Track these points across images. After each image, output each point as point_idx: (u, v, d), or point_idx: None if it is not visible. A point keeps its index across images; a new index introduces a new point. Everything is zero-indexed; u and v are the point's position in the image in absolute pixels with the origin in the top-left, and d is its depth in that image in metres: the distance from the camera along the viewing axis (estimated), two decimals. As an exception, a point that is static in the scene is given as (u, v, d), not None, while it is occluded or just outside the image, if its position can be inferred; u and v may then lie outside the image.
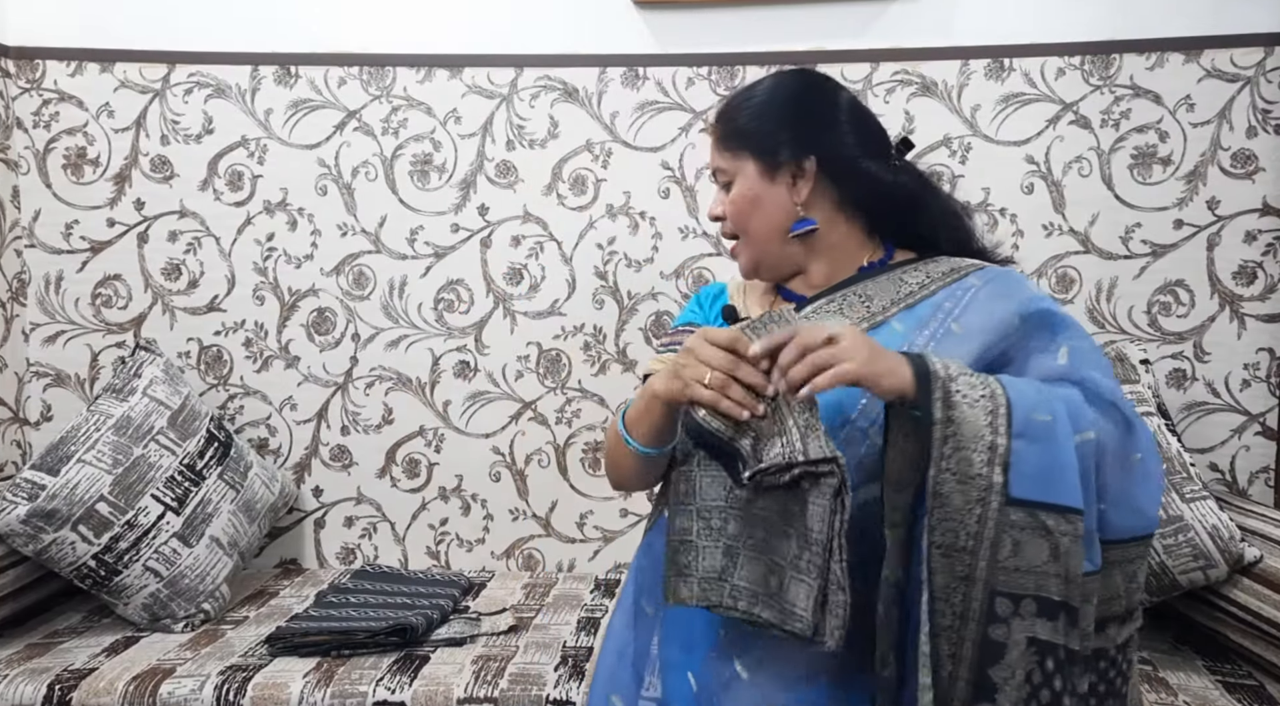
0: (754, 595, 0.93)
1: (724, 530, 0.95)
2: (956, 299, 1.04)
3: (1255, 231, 1.87)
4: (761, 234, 1.12)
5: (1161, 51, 1.86)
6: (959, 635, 0.87)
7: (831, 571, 0.87)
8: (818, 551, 0.88)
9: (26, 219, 1.99)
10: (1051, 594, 0.88)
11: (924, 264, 1.09)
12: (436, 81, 1.96)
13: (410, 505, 2.03)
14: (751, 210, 1.11)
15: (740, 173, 1.11)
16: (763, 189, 1.10)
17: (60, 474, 1.63)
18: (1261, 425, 1.89)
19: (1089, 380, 0.97)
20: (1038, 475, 0.89)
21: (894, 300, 1.05)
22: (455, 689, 1.43)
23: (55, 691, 1.43)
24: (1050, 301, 1.05)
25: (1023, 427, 0.89)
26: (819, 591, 0.87)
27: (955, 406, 0.88)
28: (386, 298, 2.00)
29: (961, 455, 0.88)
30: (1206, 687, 1.46)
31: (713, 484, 0.96)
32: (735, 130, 1.13)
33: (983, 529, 0.87)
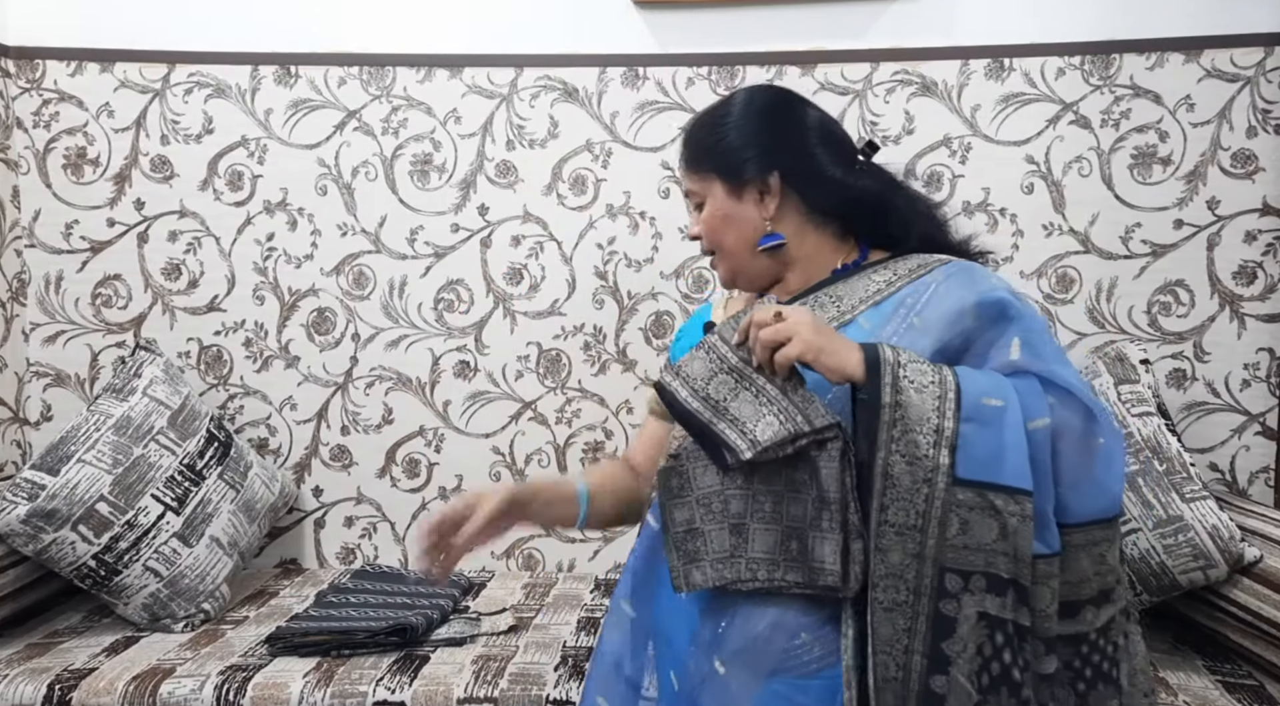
0: (773, 562, 0.98)
1: (726, 511, 0.99)
2: (919, 294, 1.07)
3: (1255, 231, 1.87)
4: (735, 250, 1.16)
5: (1161, 51, 1.86)
6: (913, 610, 0.93)
7: (850, 523, 0.94)
8: (836, 509, 0.94)
9: (26, 219, 1.99)
10: (1000, 571, 0.93)
11: (893, 262, 1.13)
12: (436, 81, 1.96)
13: (410, 505, 2.03)
14: (723, 228, 1.16)
15: (709, 193, 1.16)
16: (731, 207, 1.15)
17: (60, 474, 1.63)
18: (1261, 425, 1.89)
19: (1045, 372, 1.00)
20: (986, 457, 0.93)
21: (862, 298, 1.09)
22: (455, 689, 1.43)
23: (55, 691, 1.43)
24: (1006, 293, 1.06)
25: (972, 412, 0.94)
26: (842, 543, 0.94)
27: (903, 391, 0.94)
28: (386, 297, 2.00)
29: (909, 437, 0.93)
30: (1206, 687, 1.46)
31: (705, 471, 1.00)
32: (700, 152, 1.17)
33: (930, 508, 0.93)
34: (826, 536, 0.95)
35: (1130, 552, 1.56)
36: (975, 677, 0.91)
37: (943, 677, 0.92)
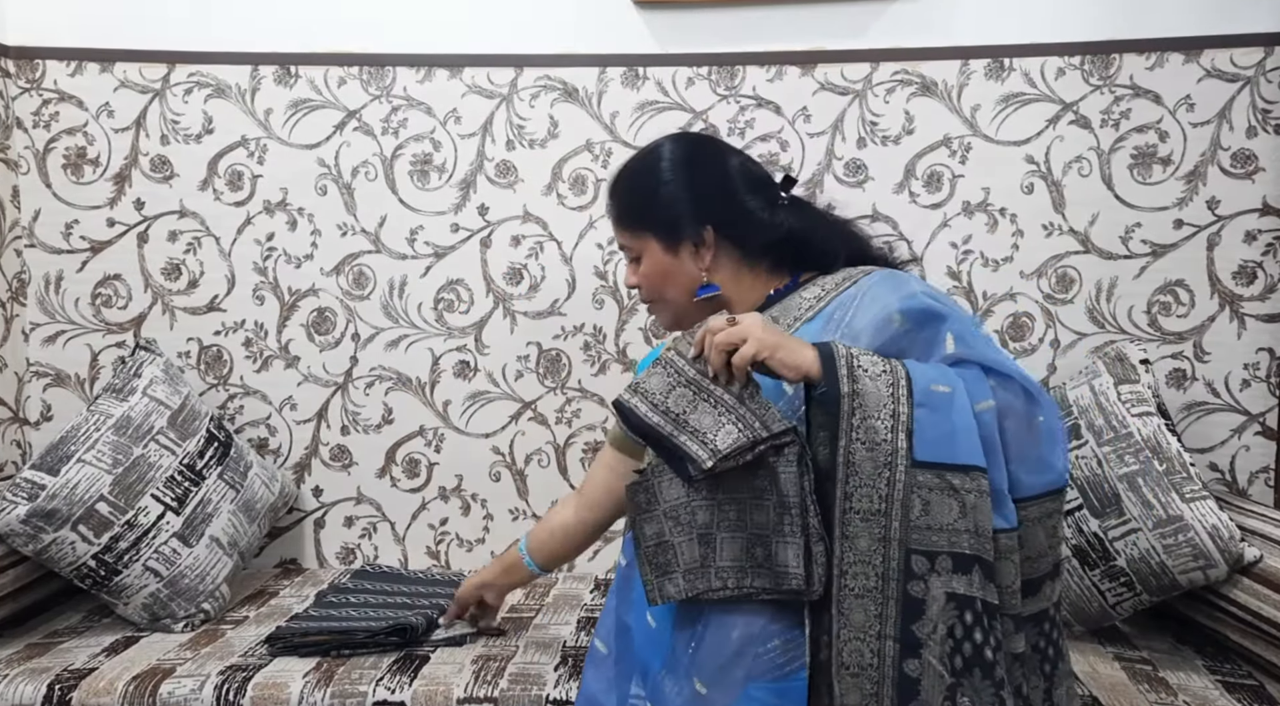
0: (741, 569, 1.00)
1: (694, 522, 1.01)
2: (846, 306, 1.11)
3: (1255, 231, 1.87)
4: (675, 299, 1.22)
5: (1161, 51, 1.86)
6: (883, 595, 0.95)
7: (810, 526, 0.96)
8: (796, 513, 0.96)
9: (26, 219, 1.99)
10: (964, 549, 0.95)
11: (821, 278, 1.17)
12: (436, 81, 1.96)
13: (410, 505, 2.03)
14: (663, 283, 1.22)
15: (645, 250, 1.21)
16: (668, 263, 1.20)
17: (60, 474, 1.63)
18: (1261, 425, 1.89)
19: (982, 359, 1.05)
20: (939, 438, 0.97)
21: (796, 317, 1.13)
22: (455, 689, 1.43)
23: (55, 691, 1.43)
24: (927, 298, 1.09)
25: (923, 398, 0.98)
26: (804, 547, 0.96)
27: (859, 380, 0.98)
28: (386, 297, 2.00)
29: (868, 424, 0.96)
30: (1206, 687, 1.46)
31: (671, 485, 1.02)
32: (631, 211, 1.24)
33: (892, 491, 0.96)
34: (789, 541, 0.97)
35: (1130, 552, 1.56)
36: (948, 660, 0.93)
37: (915, 661, 0.93)
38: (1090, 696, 1.41)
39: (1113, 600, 1.60)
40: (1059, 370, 1.91)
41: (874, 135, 1.92)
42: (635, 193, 1.24)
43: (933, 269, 1.93)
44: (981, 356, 1.04)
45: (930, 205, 1.92)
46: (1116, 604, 1.60)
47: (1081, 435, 1.65)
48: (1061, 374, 1.90)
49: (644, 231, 1.21)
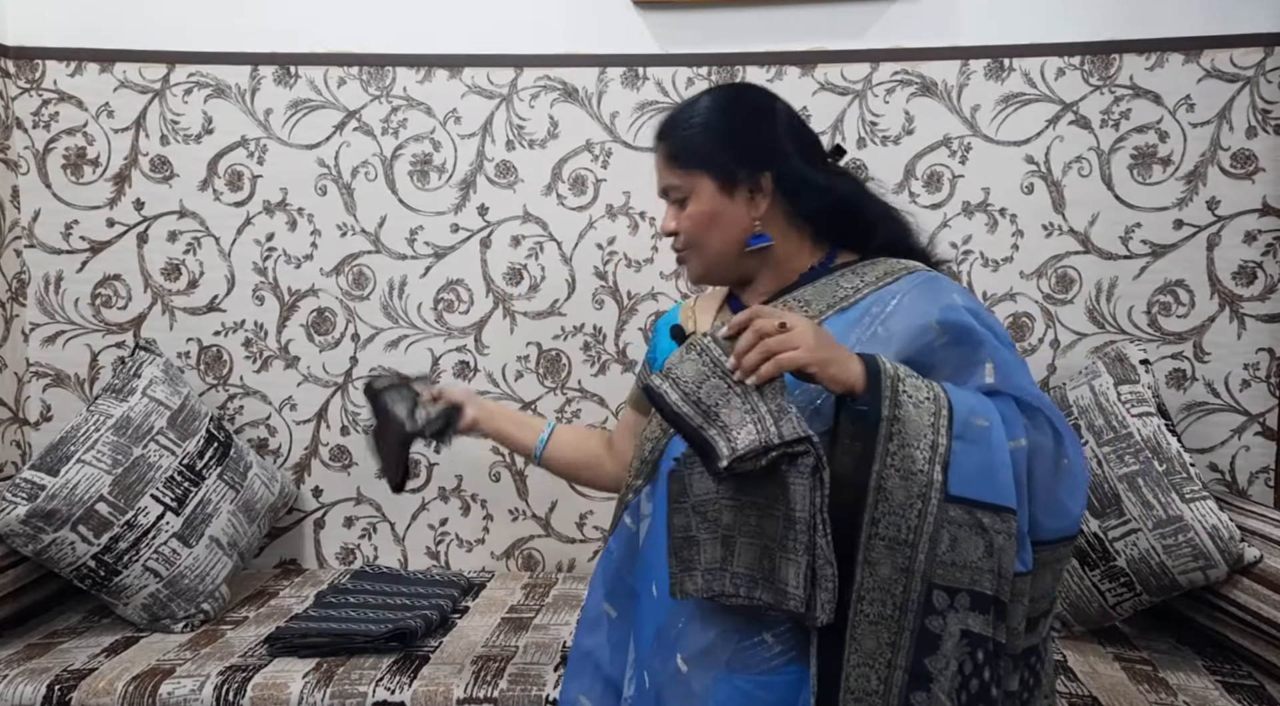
0: (752, 580, 0.95)
1: (719, 521, 0.98)
2: (884, 303, 1.08)
3: (1255, 231, 1.87)
4: (718, 249, 1.15)
5: (1161, 52, 1.86)
6: (898, 625, 0.92)
7: (817, 546, 0.90)
8: (802, 529, 0.91)
9: (26, 219, 1.98)
10: (985, 588, 0.93)
11: (860, 268, 1.14)
12: (436, 81, 1.96)
13: (410, 505, 2.03)
14: (710, 226, 1.14)
15: (696, 190, 1.14)
16: (721, 205, 1.14)
17: (60, 474, 1.63)
18: (1261, 425, 1.89)
19: (1020, 390, 1.02)
20: (975, 475, 0.94)
21: (829, 304, 1.10)
22: (455, 689, 1.43)
23: (55, 691, 1.43)
24: (966, 313, 1.06)
25: (962, 430, 0.94)
26: (807, 567, 0.90)
27: (901, 405, 0.94)
28: (386, 298, 2.00)
29: (906, 452, 0.93)
30: (1206, 688, 1.46)
31: (702, 479, 0.98)
32: (687, 148, 1.15)
33: (923, 523, 0.92)
34: (791, 558, 0.92)
35: (1130, 553, 1.56)
36: (955, 695, 0.92)
37: (923, 694, 0.92)
38: (1090, 696, 1.41)
39: (1113, 600, 1.60)
40: (1059, 370, 1.91)
41: (874, 135, 1.92)
42: (693, 130, 1.15)
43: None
44: (1017, 388, 1.02)
45: (930, 205, 1.92)
46: (1116, 604, 1.60)
47: (1081, 435, 1.65)
48: (1061, 374, 1.90)
49: (698, 170, 1.14)
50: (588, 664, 1.17)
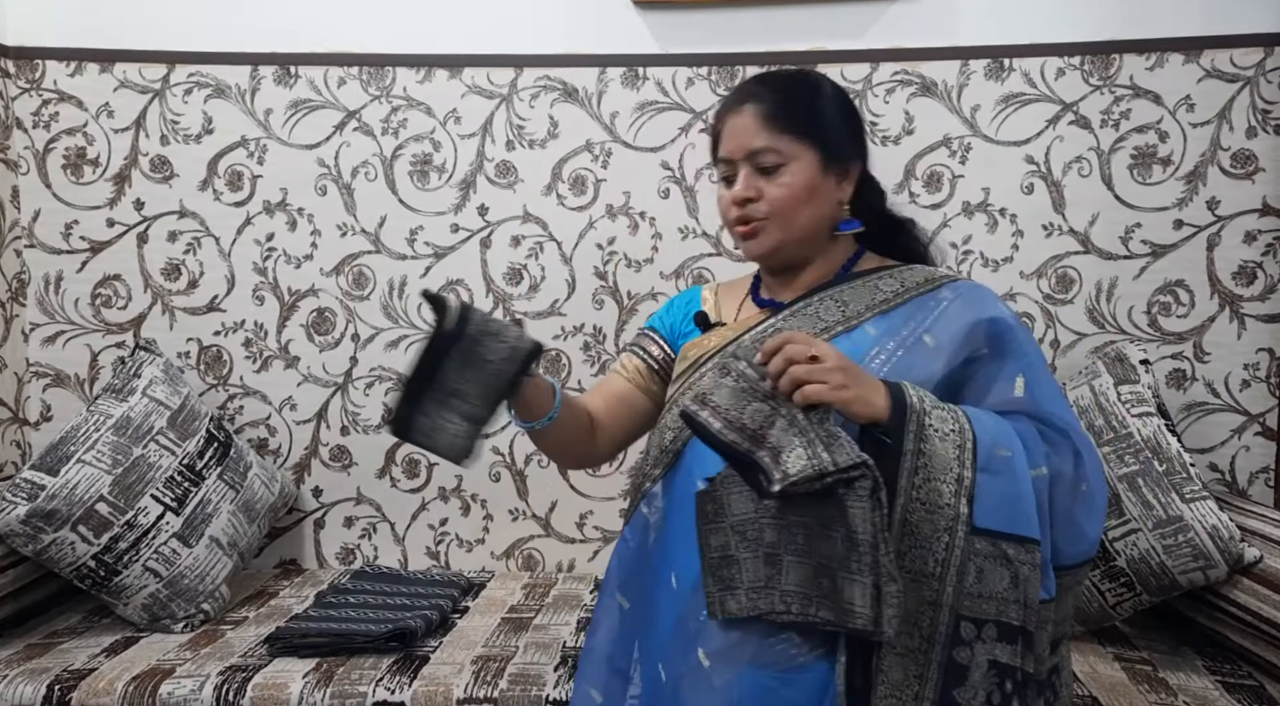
0: (806, 597, 0.95)
1: (761, 539, 0.97)
2: (929, 309, 1.08)
3: (1255, 232, 1.87)
4: (806, 226, 1.11)
5: (1161, 52, 1.86)
6: (925, 657, 0.93)
7: (881, 565, 0.90)
8: (866, 550, 0.90)
9: (26, 219, 1.98)
10: (1012, 619, 0.93)
11: (898, 272, 1.13)
12: (436, 81, 1.96)
13: (410, 505, 2.03)
14: (806, 200, 1.10)
15: (794, 159, 1.09)
16: (819, 182, 1.10)
17: (60, 474, 1.63)
18: (1261, 425, 1.89)
19: (1045, 412, 1.02)
20: (999, 507, 0.94)
21: (869, 305, 1.09)
22: (455, 689, 1.43)
23: (55, 691, 1.43)
24: (1012, 321, 1.07)
25: (986, 462, 0.94)
26: (873, 586, 0.90)
27: (928, 439, 0.93)
28: (386, 298, 2.00)
29: (931, 486, 0.93)
30: (1206, 688, 1.45)
31: (740, 498, 0.98)
32: (798, 116, 1.11)
33: (950, 556, 0.92)
34: (856, 578, 0.91)
35: (1130, 553, 1.56)
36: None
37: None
38: (1090, 696, 1.41)
39: (1113, 600, 1.59)
40: (1059, 370, 1.91)
41: (874, 135, 1.92)
42: (804, 101, 1.11)
43: (933, 269, 1.93)
44: (1041, 409, 1.02)
45: (930, 205, 1.92)
46: (1117, 604, 1.60)
47: (1081, 435, 1.65)
48: (1061, 374, 1.90)
49: (805, 140, 1.09)
50: (598, 656, 1.15)
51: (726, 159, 1.13)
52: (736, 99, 1.13)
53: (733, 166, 1.12)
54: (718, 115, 1.16)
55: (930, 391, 1.00)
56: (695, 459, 1.07)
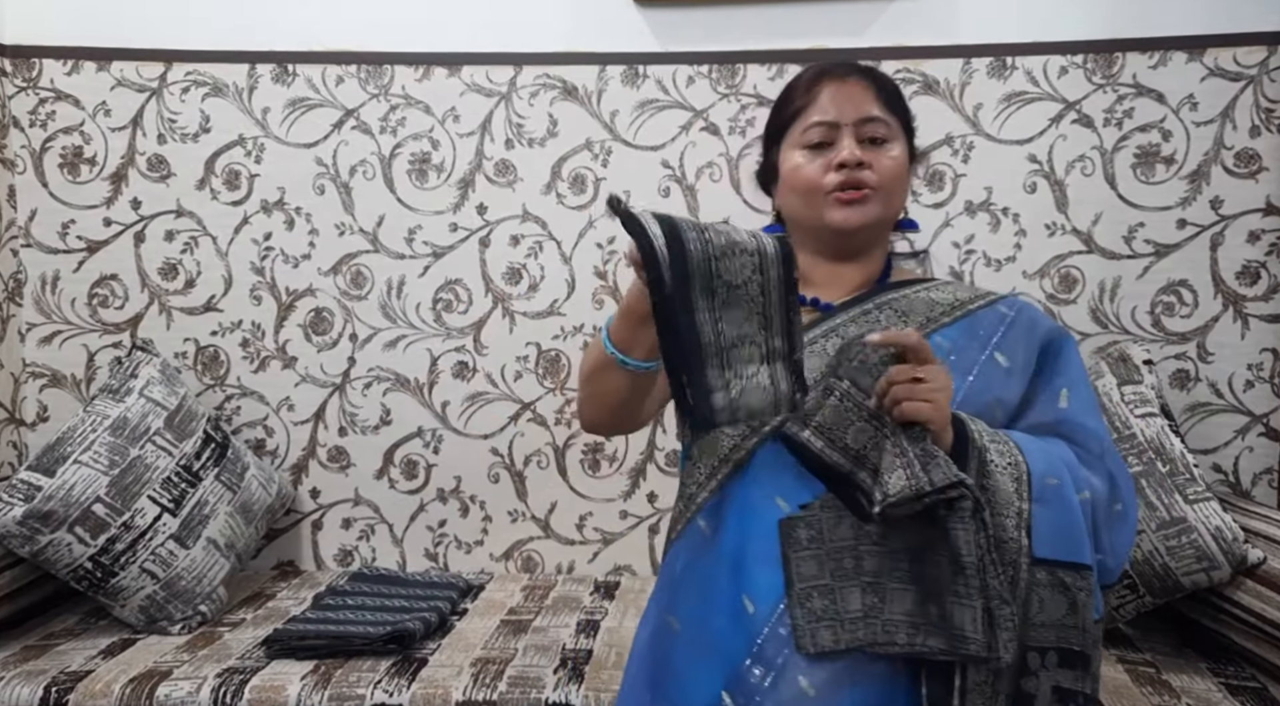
0: (914, 626, 0.92)
1: (860, 568, 0.93)
2: (993, 325, 1.06)
3: (1259, 231, 1.86)
4: (897, 208, 1.10)
5: (1164, 50, 1.85)
6: (993, 689, 0.93)
7: (990, 587, 0.88)
8: (973, 573, 0.88)
9: (23, 218, 1.97)
10: (1073, 645, 0.94)
11: (940, 285, 1.12)
12: (435, 80, 1.95)
13: (408, 506, 2.02)
14: (905, 182, 1.10)
15: (899, 140, 1.08)
16: (906, 170, 1.10)
17: (56, 475, 1.62)
18: (1265, 426, 1.88)
19: (1085, 429, 1.02)
20: (1054, 536, 0.94)
21: (929, 318, 1.06)
22: (454, 691, 1.42)
23: (52, 694, 1.42)
24: (1069, 336, 1.08)
25: (1039, 492, 0.94)
26: (983, 610, 0.88)
27: (990, 474, 0.93)
28: (384, 297, 1.99)
29: (997, 520, 0.92)
30: (1210, 690, 1.45)
31: (839, 524, 0.94)
32: (901, 104, 1.10)
33: (1015, 589, 0.92)
34: (964, 603, 0.88)
35: (1133, 554, 1.55)
36: None
37: None
38: (1093, 699, 1.40)
39: (1116, 602, 1.59)
40: (1061, 371, 1.90)
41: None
42: (898, 90, 1.11)
43: (935, 269, 1.92)
44: (1088, 430, 1.02)
45: (932, 205, 1.91)
46: (1120, 606, 1.59)
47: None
48: (1064, 374, 1.89)
49: (902, 126, 1.09)
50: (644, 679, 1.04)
51: (830, 122, 1.06)
52: (837, 71, 1.09)
53: (833, 131, 1.06)
54: (809, 82, 1.10)
55: (1004, 413, 1.01)
56: (763, 469, 1.00)
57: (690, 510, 1.04)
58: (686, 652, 1.00)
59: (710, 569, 1.01)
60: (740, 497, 1.01)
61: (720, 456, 1.03)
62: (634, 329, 0.96)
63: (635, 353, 0.97)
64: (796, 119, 1.09)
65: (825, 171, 1.06)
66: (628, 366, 0.98)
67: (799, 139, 1.08)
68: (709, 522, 1.02)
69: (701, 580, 1.01)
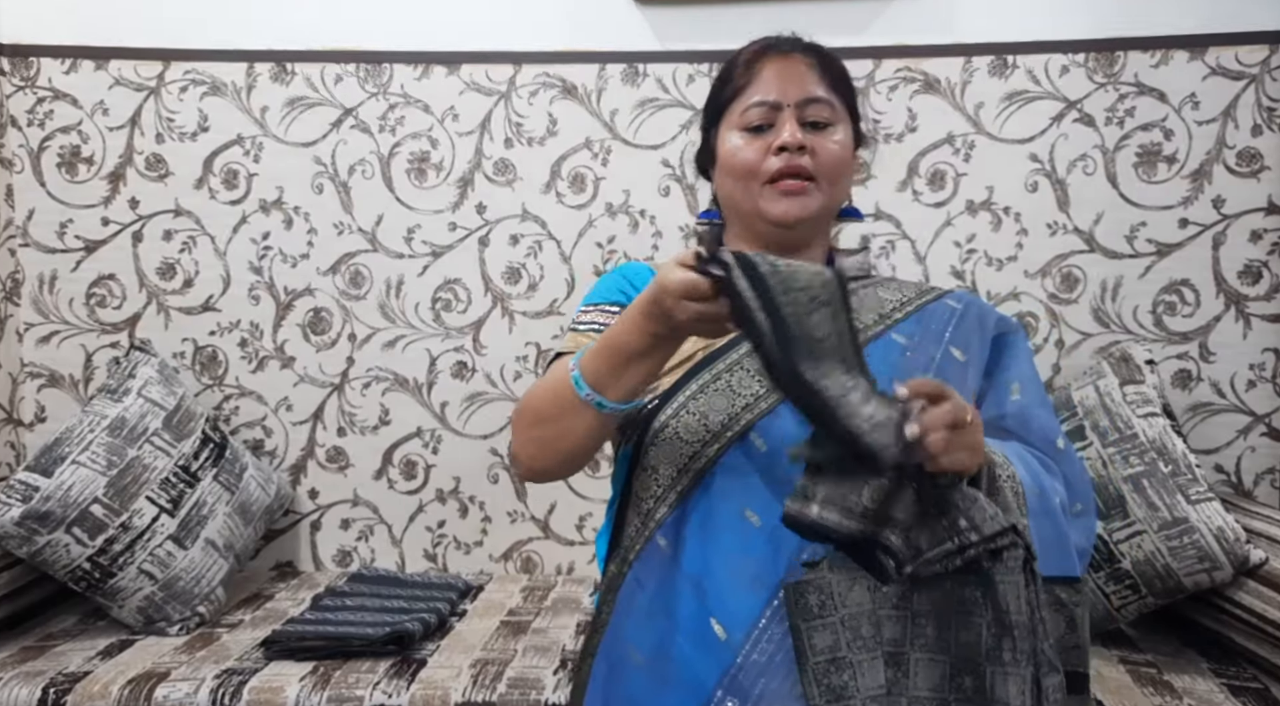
0: (942, 701, 0.83)
1: (878, 637, 0.84)
2: (944, 319, 1.01)
3: (1261, 230, 1.86)
4: (840, 198, 1.03)
5: (1166, 49, 1.84)
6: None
7: (1040, 652, 0.79)
8: (1023, 635, 0.78)
9: (20, 218, 1.97)
10: (1077, 667, 0.89)
11: (885, 280, 1.07)
12: (434, 78, 1.95)
13: (407, 507, 2.01)
14: (848, 168, 1.02)
15: (843, 123, 1.02)
16: (850, 156, 1.03)
17: (54, 475, 1.61)
18: (1267, 426, 1.88)
19: (1039, 424, 0.98)
20: (1045, 551, 0.87)
21: (881, 314, 1.01)
22: (453, 693, 1.42)
23: (50, 695, 1.41)
24: (1019, 326, 1.05)
25: (1031, 505, 0.88)
26: (1033, 679, 0.79)
27: (1000, 491, 0.85)
28: (383, 297, 1.98)
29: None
30: (1211, 691, 1.44)
31: (853, 587, 0.84)
32: (847, 84, 1.04)
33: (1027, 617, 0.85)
34: (1010, 671, 0.78)
35: (1135, 554, 1.55)
36: None
37: None
38: (1095, 699, 1.39)
39: (1118, 603, 1.58)
40: (1064, 370, 1.90)
41: (876, 132, 1.90)
42: (843, 68, 1.04)
43: (936, 268, 1.92)
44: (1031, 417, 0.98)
45: (933, 204, 1.91)
46: (1121, 607, 1.59)
47: (1086, 436, 1.63)
48: (1066, 374, 1.89)
49: (847, 107, 1.03)
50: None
51: (772, 103, 1.00)
52: (780, 46, 1.03)
53: (775, 112, 0.99)
54: (750, 59, 1.04)
55: None
56: (727, 479, 0.93)
57: (649, 528, 0.95)
58: (648, 684, 0.91)
59: (672, 591, 0.92)
60: (703, 511, 0.93)
61: (679, 466, 0.94)
62: (620, 367, 0.86)
63: (610, 393, 0.87)
64: (736, 98, 1.02)
65: (764, 155, 0.99)
66: (604, 409, 0.88)
67: (738, 120, 1.01)
68: (669, 540, 0.94)
69: (664, 603, 0.92)
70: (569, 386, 0.89)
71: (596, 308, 1.05)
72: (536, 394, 0.95)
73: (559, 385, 0.91)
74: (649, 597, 0.93)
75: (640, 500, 0.97)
